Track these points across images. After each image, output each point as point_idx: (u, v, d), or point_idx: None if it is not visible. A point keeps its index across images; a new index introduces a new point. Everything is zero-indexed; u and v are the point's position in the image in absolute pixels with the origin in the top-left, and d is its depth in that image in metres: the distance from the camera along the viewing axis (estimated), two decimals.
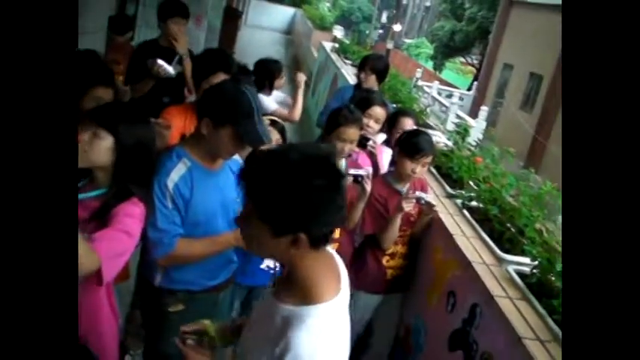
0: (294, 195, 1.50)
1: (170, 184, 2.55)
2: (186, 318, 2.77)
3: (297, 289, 1.63)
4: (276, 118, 3.91)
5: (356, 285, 3.95)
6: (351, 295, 3.93)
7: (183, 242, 2.63)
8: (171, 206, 2.57)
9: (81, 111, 3.09)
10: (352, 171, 3.54)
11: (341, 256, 3.75)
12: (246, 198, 1.60)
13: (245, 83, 2.80)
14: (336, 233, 3.80)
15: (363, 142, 3.93)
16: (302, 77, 5.26)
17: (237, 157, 2.84)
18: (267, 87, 5.14)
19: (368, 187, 3.53)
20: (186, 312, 2.80)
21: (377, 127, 4.34)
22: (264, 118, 3.90)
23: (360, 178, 3.50)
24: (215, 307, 3.00)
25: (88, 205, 2.35)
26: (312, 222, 1.54)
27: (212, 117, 2.54)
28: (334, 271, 1.73)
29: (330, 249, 1.78)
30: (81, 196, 2.35)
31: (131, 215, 2.30)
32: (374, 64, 5.33)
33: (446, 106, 19.39)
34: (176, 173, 2.57)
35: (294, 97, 5.28)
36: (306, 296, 1.61)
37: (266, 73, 4.81)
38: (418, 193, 3.64)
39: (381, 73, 5.38)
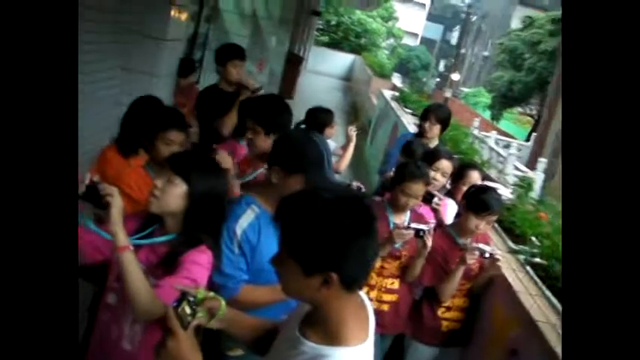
0: (324, 233, 1.50)
1: (238, 231, 2.58)
2: None
3: (322, 328, 1.61)
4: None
5: (411, 335, 3.91)
6: (407, 345, 3.91)
7: (246, 289, 2.64)
8: (237, 252, 2.59)
9: (155, 153, 3.20)
10: (414, 225, 3.53)
11: (399, 308, 3.75)
12: (280, 237, 1.61)
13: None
14: (395, 284, 3.78)
15: (428, 198, 3.92)
16: (354, 131, 5.29)
17: None
18: None
19: (429, 242, 3.52)
20: (245, 357, 2.80)
21: (443, 180, 4.32)
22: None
23: (422, 233, 3.49)
24: None
25: (157, 249, 2.39)
26: (343, 261, 1.52)
27: (282, 165, 2.57)
28: (363, 318, 1.69)
29: (364, 296, 1.76)
30: (150, 240, 2.40)
31: (198, 263, 2.31)
32: (438, 114, 5.31)
33: (503, 157, 19.15)
34: (245, 220, 2.60)
35: (344, 148, 5.31)
36: (332, 337, 1.59)
37: (316, 123, 4.83)
38: (482, 246, 3.60)
39: (445, 123, 5.37)
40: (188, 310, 1.68)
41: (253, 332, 2.04)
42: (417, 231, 3.49)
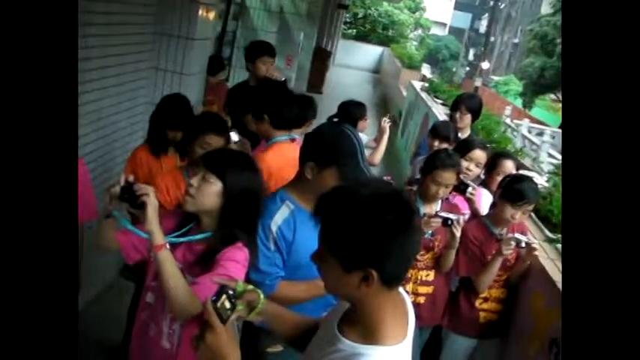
0: (363, 229, 1.49)
1: (274, 227, 2.56)
2: (284, 359, 2.78)
3: (361, 326, 1.60)
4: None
5: (449, 327, 3.89)
6: (444, 337, 3.88)
7: (284, 285, 2.62)
8: (273, 248, 2.57)
9: (193, 156, 3.23)
10: (442, 213, 3.50)
11: (436, 300, 3.72)
12: (320, 233, 1.60)
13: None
14: (430, 276, 3.76)
15: (462, 188, 3.87)
16: (387, 123, 5.24)
17: None
18: None
19: (457, 232, 3.49)
20: (284, 353, 2.78)
21: (477, 170, 4.27)
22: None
23: (449, 222, 3.46)
24: None
25: (194, 248, 2.41)
26: (383, 258, 1.50)
27: (316, 160, 2.54)
28: (403, 316, 1.67)
29: (404, 292, 1.74)
30: (187, 238, 2.41)
31: (235, 260, 2.31)
32: (469, 104, 5.26)
33: (537, 145, 18.91)
34: (280, 216, 2.58)
35: (378, 140, 5.27)
36: (369, 336, 1.57)
37: (349, 116, 4.80)
38: (517, 235, 3.55)
39: (476, 112, 5.31)
40: (227, 305, 1.66)
41: (293, 328, 2.04)
42: (445, 220, 3.46)
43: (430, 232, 3.56)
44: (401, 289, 1.72)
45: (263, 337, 2.81)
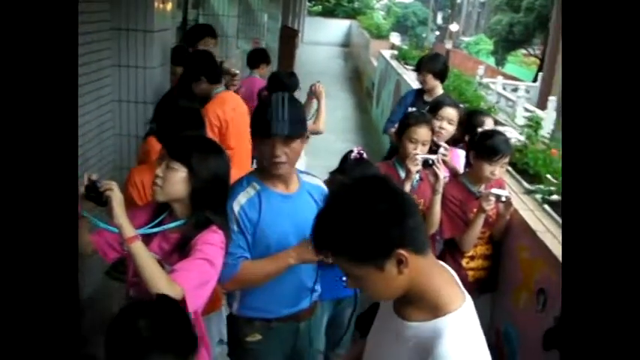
0: (368, 219, 1.49)
1: (236, 208, 2.55)
2: (264, 349, 2.76)
3: (422, 304, 1.60)
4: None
5: None
6: None
7: (245, 263, 2.59)
8: (236, 229, 2.55)
9: None
10: (421, 155, 3.49)
11: None
12: (335, 256, 1.58)
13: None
14: None
15: (434, 150, 3.85)
16: (321, 87, 4.99)
17: (318, 183, 2.84)
18: None
19: (440, 172, 3.47)
20: (264, 342, 2.77)
21: (450, 128, 4.24)
22: None
23: (430, 162, 3.45)
24: (296, 337, 2.89)
25: (169, 237, 2.40)
26: (400, 234, 1.50)
27: (251, 133, 2.59)
28: (452, 278, 1.71)
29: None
30: (161, 228, 2.40)
31: (211, 243, 2.30)
32: (431, 66, 5.28)
33: (512, 101, 19.02)
34: (243, 197, 2.58)
35: (317, 108, 5.07)
36: (436, 309, 1.58)
37: (282, 88, 4.70)
38: (494, 191, 3.55)
39: (441, 73, 5.31)
40: None
41: None
42: (425, 161, 3.47)
43: (416, 178, 3.61)
44: None
45: (243, 326, 2.80)
